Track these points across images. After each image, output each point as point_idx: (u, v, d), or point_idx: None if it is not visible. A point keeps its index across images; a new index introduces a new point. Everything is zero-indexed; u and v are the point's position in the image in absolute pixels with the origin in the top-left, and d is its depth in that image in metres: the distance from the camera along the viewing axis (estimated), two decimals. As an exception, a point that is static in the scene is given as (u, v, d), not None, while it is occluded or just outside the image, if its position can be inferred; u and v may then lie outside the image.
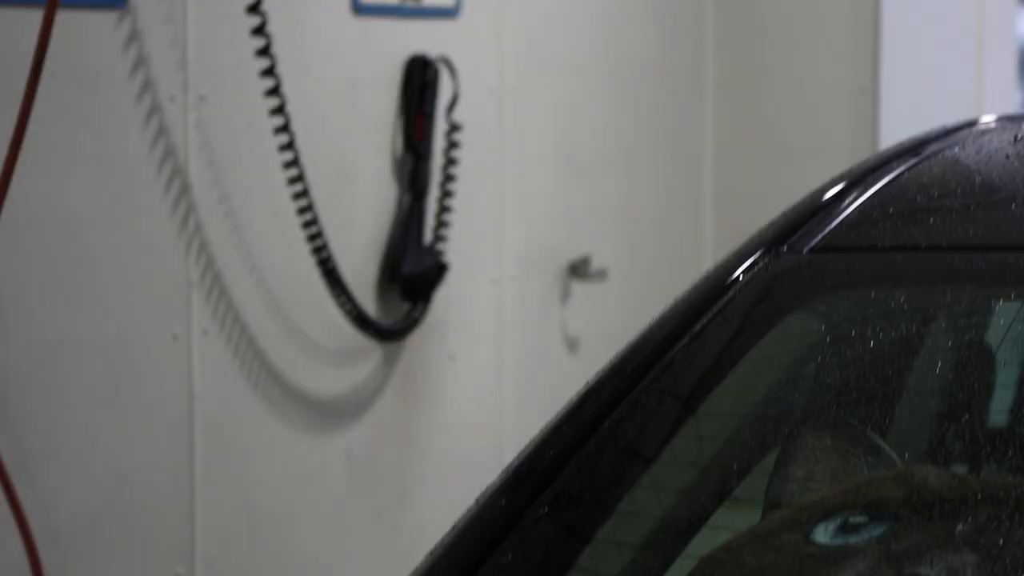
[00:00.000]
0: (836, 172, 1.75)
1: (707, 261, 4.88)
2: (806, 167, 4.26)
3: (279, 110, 3.56)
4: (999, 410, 1.47)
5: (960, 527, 1.24)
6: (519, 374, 4.61)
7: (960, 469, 1.39)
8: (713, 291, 1.55)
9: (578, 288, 4.81)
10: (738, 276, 1.55)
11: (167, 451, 3.47)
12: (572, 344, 4.83)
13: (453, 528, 1.37)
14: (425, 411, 4.31)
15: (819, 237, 1.58)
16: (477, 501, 1.39)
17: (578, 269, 4.77)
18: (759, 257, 1.57)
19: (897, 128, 4.17)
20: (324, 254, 3.76)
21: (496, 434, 4.52)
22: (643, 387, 1.47)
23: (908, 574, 1.20)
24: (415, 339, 4.23)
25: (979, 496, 1.28)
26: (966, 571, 1.19)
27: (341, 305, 3.89)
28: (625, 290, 4.89)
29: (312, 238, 3.73)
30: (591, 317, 4.84)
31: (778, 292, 1.58)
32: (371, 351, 4.10)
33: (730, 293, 1.54)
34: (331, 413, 3.96)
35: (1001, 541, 1.21)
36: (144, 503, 3.39)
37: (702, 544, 1.37)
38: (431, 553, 1.36)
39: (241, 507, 3.66)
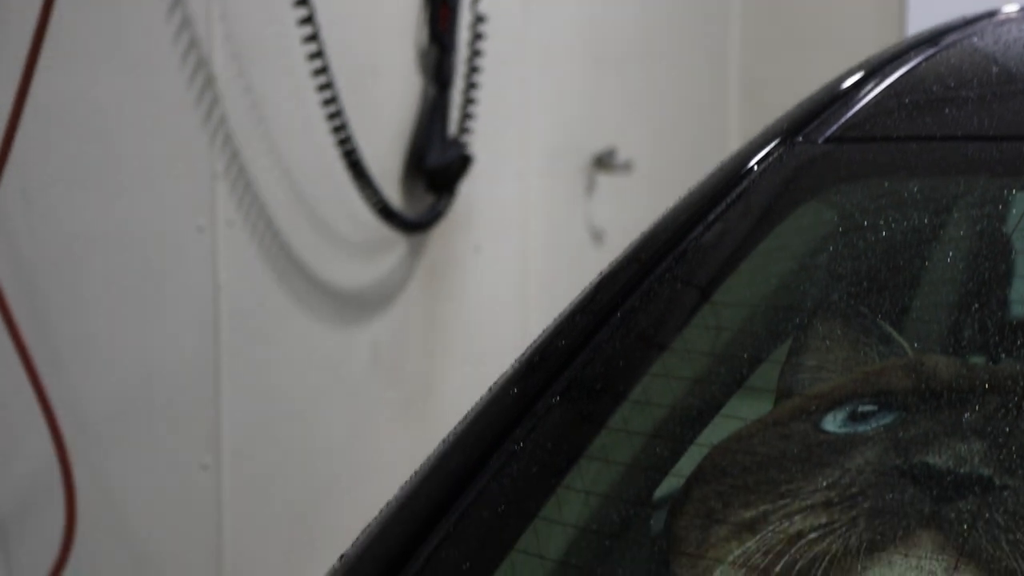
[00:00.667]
0: (861, 64, 1.75)
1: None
2: (833, 59, 4.23)
3: (304, 2, 3.55)
4: (1014, 300, 1.47)
5: (968, 416, 1.25)
6: (544, 266, 4.62)
7: (972, 359, 1.39)
8: (727, 181, 1.55)
9: (603, 180, 4.80)
10: (753, 166, 1.55)
11: (192, 343, 3.49)
12: (597, 236, 4.83)
13: (465, 417, 1.38)
14: (450, 303, 4.33)
15: (835, 127, 1.58)
16: (490, 390, 1.40)
17: (603, 161, 4.77)
18: (774, 147, 1.57)
19: (925, 19, 4.13)
20: (349, 146, 3.76)
21: (521, 325, 4.55)
22: (656, 277, 1.47)
23: (915, 462, 1.20)
24: (440, 231, 4.24)
25: (988, 385, 1.29)
26: (973, 459, 1.19)
27: (366, 197, 3.89)
28: (650, 182, 4.89)
29: (337, 130, 3.73)
30: (616, 209, 4.84)
31: (792, 182, 1.57)
32: (396, 243, 4.12)
33: (744, 183, 1.54)
34: (356, 305, 3.98)
35: (1007, 430, 1.21)
36: (170, 395, 3.42)
37: (714, 433, 1.37)
38: (444, 442, 1.37)
39: (267, 399, 3.69)
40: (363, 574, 1.26)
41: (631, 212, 4.74)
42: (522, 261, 4.56)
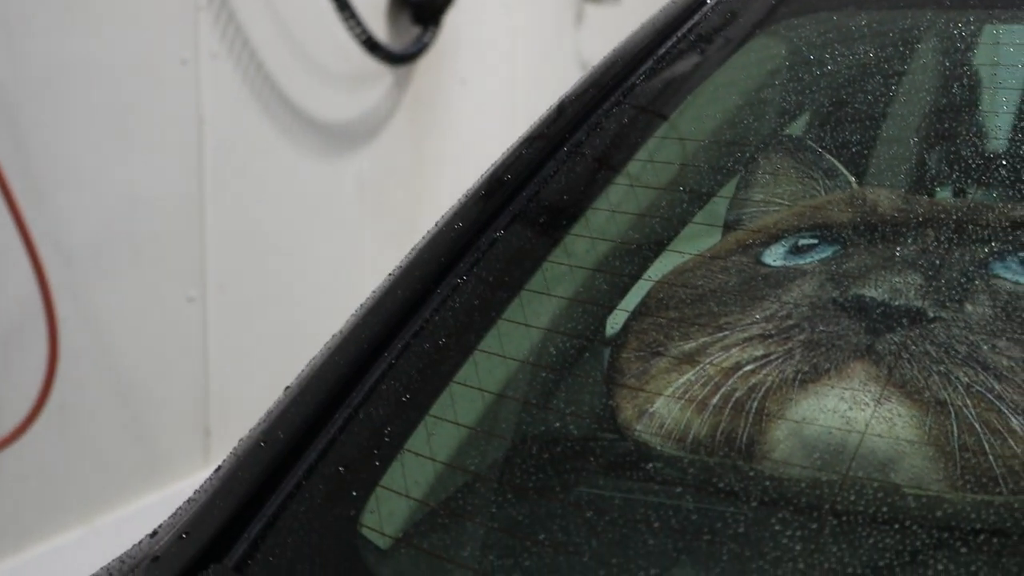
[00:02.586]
0: None
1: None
2: None
3: None
4: (962, 135, 1.46)
5: (905, 249, 1.25)
6: (531, 98, 4.60)
7: (918, 193, 1.40)
8: (680, 14, 1.54)
9: (592, 11, 4.75)
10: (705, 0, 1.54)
11: (177, 177, 3.50)
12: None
13: (411, 251, 1.39)
14: (436, 135, 4.32)
15: (787, -40, 1.56)
16: (436, 224, 1.41)
17: (592, -8, 4.72)
18: (727, -19, 1.55)
19: None
20: (331, -24, 3.73)
21: (509, 159, 4.53)
22: (605, 109, 1.47)
23: (851, 295, 1.21)
24: (425, 63, 4.21)
25: (927, 219, 1.29)
26: (908, 292, 1.20)
27: (351, 29, 3.86)
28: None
29: (318, -39, 3.69)
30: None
31: (743, 15, 1.56)
32: (381, 75, 4.09)
33: (696, 16, 1.53)
34: (341, 138, 3.98)
35: (938, 263, 1.22)
36: (155, 228, 3.43)
37: (660, 267, 1.38)
38: (389, 276, 1.38)
39: (251, 232, 3.70)
40: (306, 405, 1.28)
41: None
42: (509, 93, 4.54)
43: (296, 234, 3.86)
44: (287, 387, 1.33)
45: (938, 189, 1.39)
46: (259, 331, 3.78)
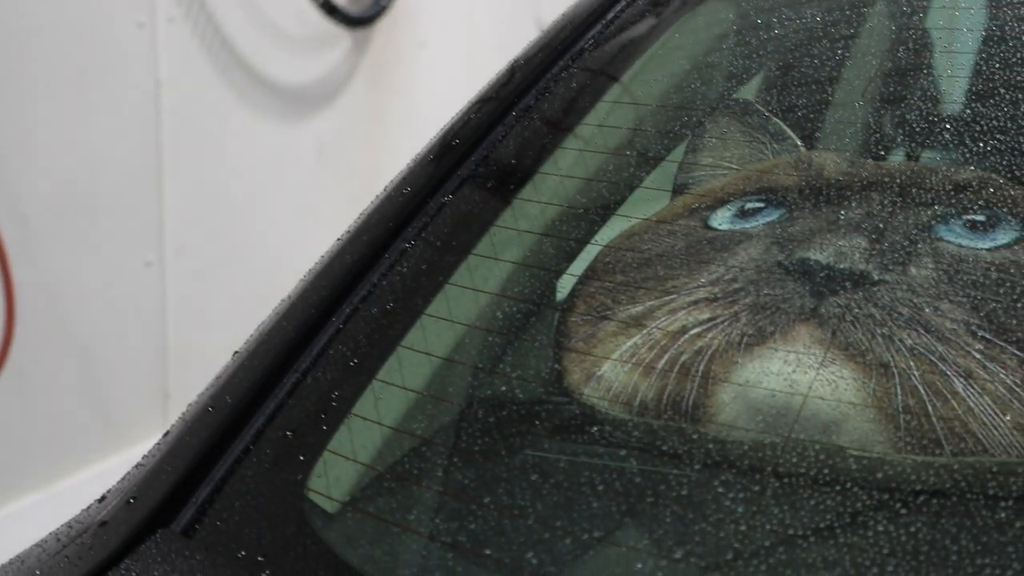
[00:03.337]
0: None
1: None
2: None
3: None
4: (910, 99, 1.47)
5: (850, 213, 1.26)
6: (490, 62, 4.58)
7: (866, 157, 1.40)
8: (629, -22, 1.54)
9: (551, -27, 4.74)
10: (653, -37, 1.54)
11: (134, 140, 3.48)
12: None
13: (360, 216, 1.39)
14: (394, 99, 4.31)
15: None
16: (385, 189, 1.41)
17: (551, -47, 4.70)
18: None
19: None
20: (287, -61, 3.70)
21: (468, 121, 4.52)
22: (554, 74, 1.47)
23: (796, 258, 1.22)
24: (384, 27, 4.20)
25: (873, 182, 1.30)
26: (853, 255, 1.21)
27: (308, -9, 3.85)
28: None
29: (275, -78, 3.67)
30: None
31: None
32: (340, 39, 4.08)
33: (645, -20, 1.53)
34: (300, 101, 3.96)
35: (883, 226, 1.23)
36: (112, 192, 3.42)
37: (609, 232, 1.39)
38: (339, 240, 1.38)
39: (210, 196, 3.69)
40: (254, 370, 1.28)
41: (580, 6, 4.69)
42: (468, 56, 4.53)
43: (255, 197, 3.84)
44: (235, 352, 1.33)
45: (884, 153, 1.39)
46: (218, 295, 3.78)
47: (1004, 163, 1.31)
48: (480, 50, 4.57)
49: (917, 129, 1.39)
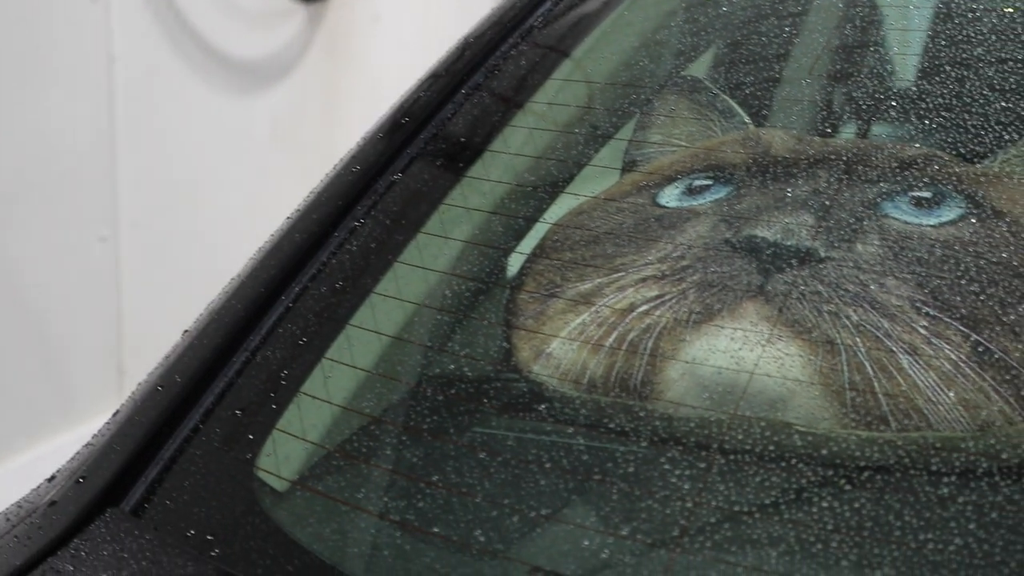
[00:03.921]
0: None
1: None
2: None
3: None
4: (860, 75, 1.48)
5: (798, 190, 1.27)
6: (446, 35, 4.58)
7: (814, 133, 1.41)
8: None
9: (507, -53, 4.73)
10: (603, -62, 1.54)
11: (87, 116, 3.46)
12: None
13: (310, 193, 1.39)
14: (350, 73, 4.30)
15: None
16: (334, 168, 1.41)
17: (507, -75, 4.69)
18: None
19: None
20: (239, -87, 3.68)
21: (424, 96, 4.51)
22: (504, 51, 1.47)
23: (744, 235, 1.22)
24: (338, 0, 4.18)
25: (820, 159, 1.31)
26: (800, 232, 1.21)
27: (261, -35, 3.83)
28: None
29: None
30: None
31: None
32: (294, 12, 4.06)
33: (594, -43, 1.53)
34: (254, 76, 3.95)
35: (829, 203, 1.24)
36: (66, 168, 3.40)
37: (558, 209, 1.39)
38: (288, 218, 1.38)
39: (164, 171, 3.68)
40: (203, 349, 1.28)
41: (536, -21, 4.68)
42: (423, 31, 4.51)
43: (209, 172, 3.83)
44: (185, 330, 1.33)
45: (833, 130, 1.40)
46: (173, 270, 3.76)
47: (951, 140, 1.32)
48: (435, 23, 4.56)
49: (865, 106, 1.40)
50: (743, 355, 1.14)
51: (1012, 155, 1.30)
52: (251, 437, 1.21)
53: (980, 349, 1.11)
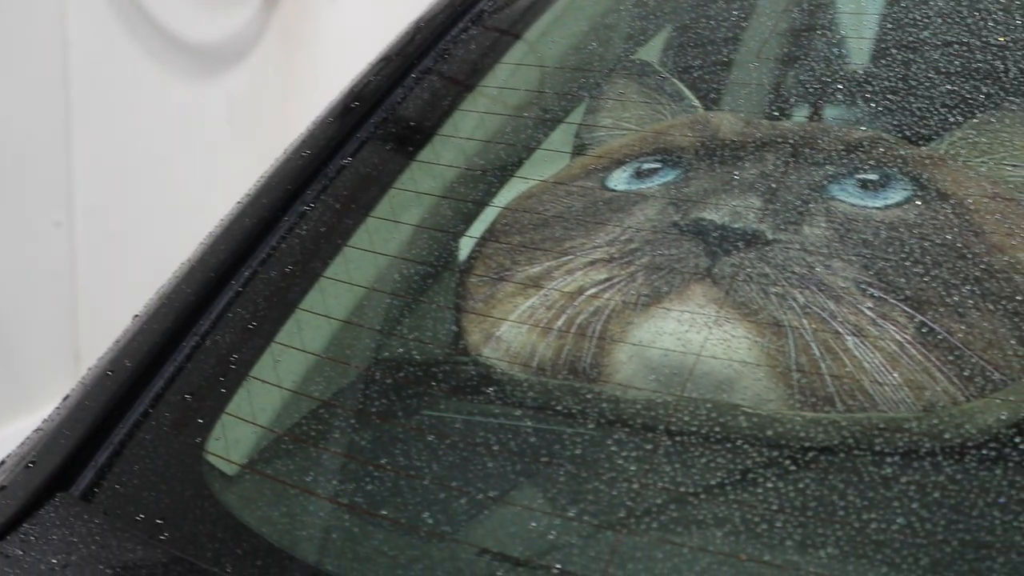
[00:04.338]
0: None
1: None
2: None
3: None
4: (809, 58, 1.48)
5: (745, 173, 1.27)
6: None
7: (763, 117, 1.42)
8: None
9: (464, -70, 4.72)
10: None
11: (42, 100, 3.44)
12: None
13: (260, 178, 1.39)
14: (306, 56, 4.28)
15: None
16: (284, 152, 1.41)
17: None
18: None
19: None
20: None
21: (381, 79, 4.50)
22: (454, 35, 1.47)
23: (692, 218, 1.23)
24: (295, -17, 4.17)
25: (766, 141, 1.31)
26: (747, 215, 1.22)
27: (216, -52, 3.81)
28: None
29: None
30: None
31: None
32: (250, -5, 4.05)
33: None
34: (210, 60, 3.93)
35: (776, 186, 1.24)
36: (21, 153, 3.38)
37: (508, 193, 1.39)
38: (239, 203, 1.38)
39: (120, 155, 3.66)
40: (153, 334, 1.28)
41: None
42: (379, 12, 4.50)
43: (165, 157, 3.81)
44: (135, 315, 1.33)
45: (781, 113, 1.41)
46: (129, 255, 3.75)
47: (899, 123, 1.33)
48: (391, 5, 4.54)
49: (814, 89, 1.40)
50: (690, 337, 1.15)
51: (958, 138, 1.31)
52: (201, 421, 1.21)
53: (925, 330, 1.12)
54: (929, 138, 1.32)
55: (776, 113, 1.41)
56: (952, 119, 1.32)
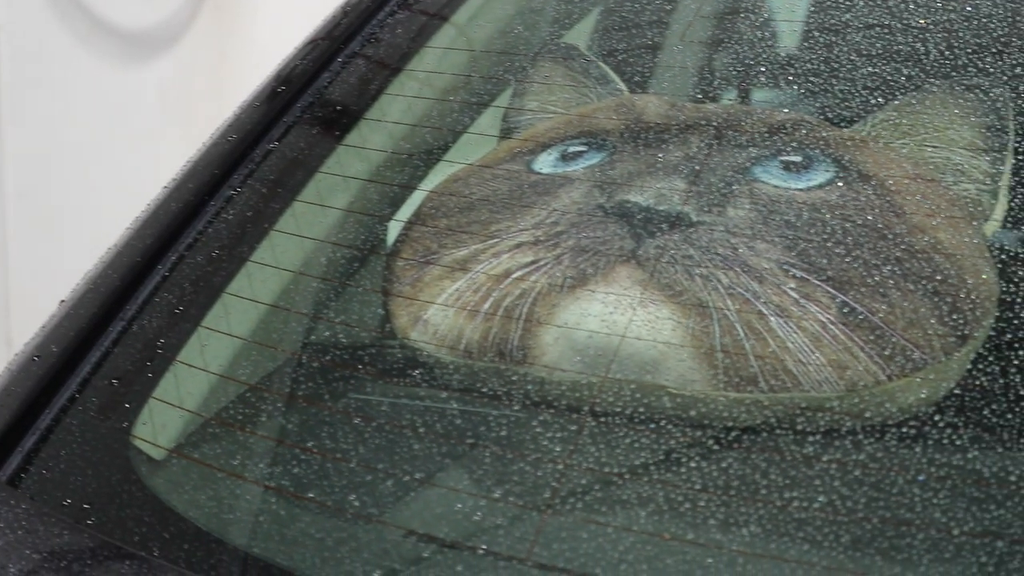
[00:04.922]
0: None
1: None
2: None
3: None
4: (733, 41, 1.49)
5: (670, 155, 1.28)
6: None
7: (688, 99, 1.43)
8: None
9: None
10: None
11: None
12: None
13: (186, 163, 1.39)
14: (239, 40, 4.26)
15: None
16: (211, 137, 1.41)
17: None
18: None
19: None
20: None
21: (315, 63, 4.48)
22: (380, 19, 1.47)
23: (617, 201, 1.24)
24: (227, -33, 4.15)
25: (691, 124, 1.32)
26: (672, 197, 1.23)
27: (147, -69, 3.78)
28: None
29: None
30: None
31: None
32: (181, -21, 4.02)
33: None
34: (141, 44, 3.90)
35: (701, 168, 1.25)
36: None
37: (435, 177, 1.40)
38: (165, 187, 1.38)
39: (51, 141, 3.63)
40: (79, 319, 1.27)
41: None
42: (315, -4, 4.49)
43: (97, 142, 3.79)
44: (62, 300, 1.32)
45: (706, 95, 1.42)
46: (61, 241, 3.72)
47: (822, 105, 1.34)
48: (327, -10, 4.54)
49: (738, 72, 1.41)
50: (615, 319, 1.16)
51: (880, 120, 1.32)
52: (127, 406, 1.21)
53: (847, 310, 1.14)
54: (852, 120, 1.33)
55: (701, 96, 1.42)
56: (874, 101, 1.33)
